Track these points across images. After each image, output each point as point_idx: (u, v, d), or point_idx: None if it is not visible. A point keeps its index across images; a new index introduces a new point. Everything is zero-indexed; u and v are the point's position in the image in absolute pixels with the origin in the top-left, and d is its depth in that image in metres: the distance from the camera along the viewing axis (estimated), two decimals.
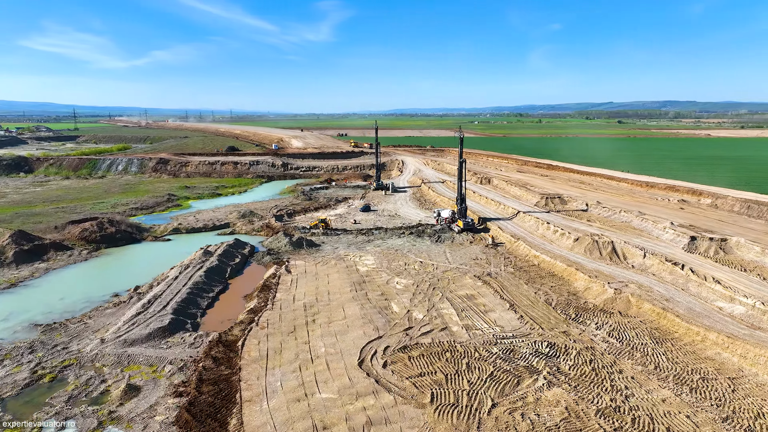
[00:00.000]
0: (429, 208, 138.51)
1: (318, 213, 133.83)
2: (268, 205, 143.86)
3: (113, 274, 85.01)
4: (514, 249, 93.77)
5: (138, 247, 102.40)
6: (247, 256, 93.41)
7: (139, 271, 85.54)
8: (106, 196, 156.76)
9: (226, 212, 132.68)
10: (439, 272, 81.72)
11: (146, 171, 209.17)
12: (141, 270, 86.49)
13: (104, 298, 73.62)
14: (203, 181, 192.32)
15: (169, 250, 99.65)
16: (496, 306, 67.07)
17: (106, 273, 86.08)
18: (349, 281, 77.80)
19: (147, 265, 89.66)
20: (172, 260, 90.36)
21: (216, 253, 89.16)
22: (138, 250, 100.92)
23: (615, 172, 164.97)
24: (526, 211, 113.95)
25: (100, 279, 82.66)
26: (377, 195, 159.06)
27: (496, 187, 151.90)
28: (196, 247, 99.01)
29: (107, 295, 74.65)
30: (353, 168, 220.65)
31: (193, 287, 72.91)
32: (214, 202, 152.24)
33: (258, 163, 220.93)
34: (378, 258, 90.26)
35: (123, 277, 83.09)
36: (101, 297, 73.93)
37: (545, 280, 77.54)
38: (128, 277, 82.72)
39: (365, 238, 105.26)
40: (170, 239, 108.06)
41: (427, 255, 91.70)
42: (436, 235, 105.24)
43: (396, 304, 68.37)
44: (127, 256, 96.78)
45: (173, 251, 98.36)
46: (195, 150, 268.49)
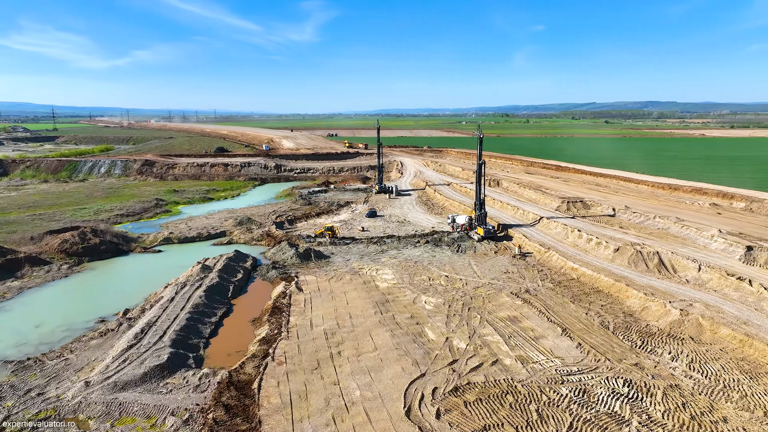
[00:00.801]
0: (439, 213, 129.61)
1: (321, 219, 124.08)
2: (265, 210, 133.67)
3: (98, 294, 74.49)
4: (545, 260, 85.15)
5: (125, 261, 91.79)
6: (250, 271, 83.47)
7: (128, 290, 75.21)
8: (88, 201, 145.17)
9: (221, 219, 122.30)
10: (469, 289, 72.70)
11: (131, 173, 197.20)
12: (130, 288, 76.16)
13: (88, 324, 63.27)
14: (192, 184, 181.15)
15: (160, 264, 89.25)
16: (546, 331, 58.22)
17: (90, 292, 75.50)
18: (370, 301, 68.40)
19: (137, 281, 79.28)
20: (165, 276, 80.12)
21: (215, 268, 79.09)
22: (125, 263, 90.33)
23: (631, 173, 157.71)
24: (549, 217, 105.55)
25: (83, 300, 72.14)
26: (381, 199, 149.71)
27: (507, 190, 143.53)
28: (191, 259, 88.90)
29: (92, 320, 64.32)
30: (350, 170, 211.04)
31: (193, 311, 62.88)
32: (206, 208, 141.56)
33: (250, 164, 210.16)
34: (397, 271, 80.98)
35: (110, 297, 72.70)
36: (84, 323, 63.59)
37: (591, 297, 68.93)
38: (116, 297, 72.37)
39: (378, 248, 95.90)
40: (161, 250, 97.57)
41: (452, 268, 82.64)
42: (455, 244, 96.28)
43: (430, 329, 59.19)
44: (114, 271, 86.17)
45: (165, 265, 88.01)
46: (182, 151, 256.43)
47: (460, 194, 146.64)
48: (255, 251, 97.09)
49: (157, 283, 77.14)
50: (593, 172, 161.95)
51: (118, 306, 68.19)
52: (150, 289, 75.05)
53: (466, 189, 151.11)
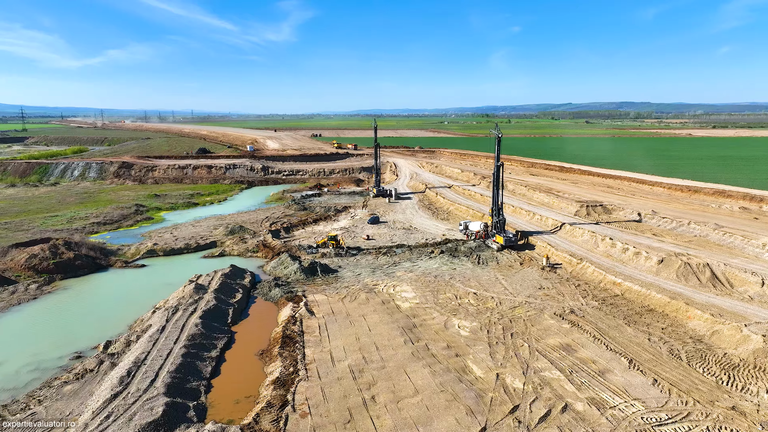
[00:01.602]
0: (445, 218, 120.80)
1: (319, 226, 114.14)
2: (257, 216, 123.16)
3: (73, 321, 63.62)
4: (579, 273, 76.84)
5: (104, 278, 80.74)
6: (250, 289, 73.34)
7: (108, 315, 64.60)
8: (61, 207, 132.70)
9: (209, 227, 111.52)
10: (505, 309, 63.86)
11: (107, 177, 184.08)
12: (111, 312, 65.53)
13: (61, 362, 52.66)
14: (174, 187, 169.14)
15: (145, 281, 78.49)
16: (610, 363, 49.63)
17: (64, 318, 64.54)
18: (395, 326, 59.06)
19: (119, 304, 68.57)
20: (152, 296, 69.62)
21: (211, 287, 68.83)
22: (105, 281, 79.31)
23: (641, 174, 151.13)
24: (571, 223, 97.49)
25: (55, 329, 61.26)
26: (379, 203, 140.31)
27: (515, 193, 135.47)
28: (180, 275, 78.53)
29: (65, 356, 53.72)
30: (341, 171, 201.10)
31: (189, 344, 52.69)
32: (191, 214, 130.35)
33: (235, 166, 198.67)
34: (418, 288, 71.76)
35: (87, 324, 62.03)
36: (57, 360, 52.99)
37: (646, 318, 60.67)
38: (94, 324, 61.76)
39: (389, 260, 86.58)
40: (145, 265, 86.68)
41: (478, 283, 73.72)
42: (474, 255, 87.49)
43: (474, 362, 50.13)
44: (91, 291, 75.14)
45: (151, 283, 77.34)
46: (161, 152, 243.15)
47: (465, 197, 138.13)
48: (251, 264, 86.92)
49: (143, 306, 66.62)
50: (601, 174, 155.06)
51: (98, 336, 57.66)
52: (135, 314, 64.54)
53: (469, 192, 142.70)
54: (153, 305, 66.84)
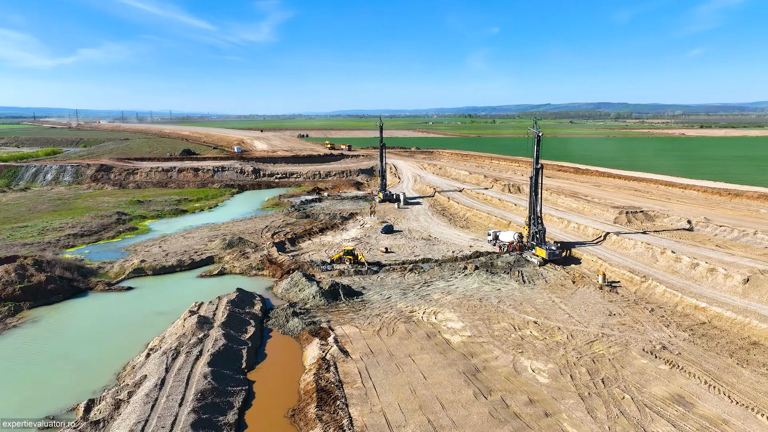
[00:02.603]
0: (464, 226, 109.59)
1: (327, 237, 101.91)
2: (255, 225, 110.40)
3: (43, 367, 50.61)
4: (645, 293, 66.18)
5: (83, 305, 67.54)
6: (262, 319, 61.00)
7: (89, 357, 51.85)
8: (31, 216, 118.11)
9: (203, 238, 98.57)
10: (580, 344, 52.66)
11: (84, 181, 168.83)
12: (92, 353, 52.80)
13: (28, 431, 39.83)
14: (159, 192, 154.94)
15: (133, 310, 65.50)
16: (747, 423, 38.73)
17: (31, 364, 51.43)
18: (453, 370, 47.43)
19: (102, 341, 55.72)
20: (143, 330, 57.03)
21: (217, 319, 56.35)
22: (83, 310, 66.11)
23: (667, 176, 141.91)
24: (615, 232, 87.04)
25: (20, 379, 48.26)
26: (388, 209, 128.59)
27: None
28: (174, 299, 66.13)
29: (34, 423, 40.83)
30: (338, 174, 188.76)
31: (200, 407, 40.26)
32: (179, 223, 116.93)
33: (223, 169, 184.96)
34: (464, 316, 60.23)
35: (61, 372, 49.22)
36: (20, 431, 40.08)
37: (756, 355, 50.00)
38: (71, 372, 49.02)
39: (418, 278, 74.94)
40: (132, 287, 73.55)
41: (534, 308, 62.48)
42: (514, 271, 76.39)
43: (572, 425, 38.86)
44: (67, 323, 61.97)
45: (141, 311, 64.45)
46: (142, 154, 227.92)
47: (480, 202, 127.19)
48: (258, 285, 74.54)
49: (133, 344, 53.96)
50: (622, 176, 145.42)
51: (76, 389, 44.97)
52: (123, 355, 51.84)
53: (484, 196, 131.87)
54: (145, 343, 54.21)
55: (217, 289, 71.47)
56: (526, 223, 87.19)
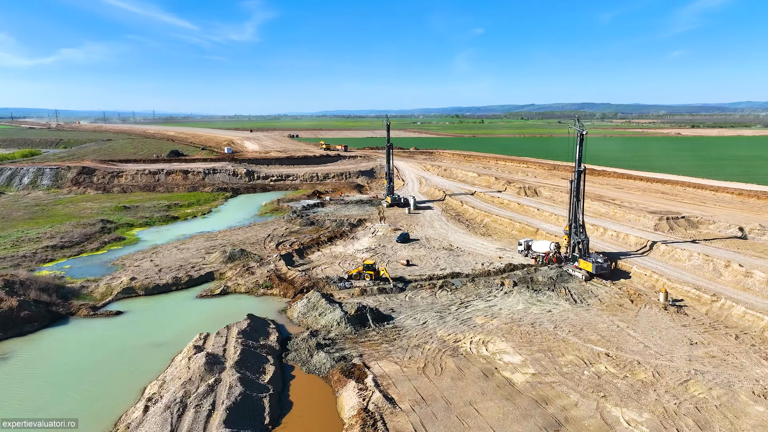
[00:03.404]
0: (485, 233, 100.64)
1: (337, 247, 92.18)
2: (256, 234, 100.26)
3: (12, 426, 40.18)
4: (720, 315, 57.66)
5: (63, 335, 57.11)
6: (280, 353, 51.20)
7: (71, 408, 41.55)
8: (5, 225, 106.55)
9: (199, 250, 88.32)
10: (672, 384, 43.76)
11: (64, 184, 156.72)
12: (74, 402, 42.54)
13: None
14: (147, 197, 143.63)
15: (124, 341, 55.18)
16: None
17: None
18: (529, 424, 38.23)
19: (85, 384, 45.47)
20: (137, 369, 47.13)
21: (228, 358, 46.48)
22: (63, 341, 55.68)
23: (691, 178, 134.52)
24: (663, 241, 78.67)
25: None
26: (397, 214, 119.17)
27: (556, 201, 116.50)
28: (172, 327, 56.50)
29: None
30: (337, 176, 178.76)
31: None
32: (171, 231, 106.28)
33: (215, 171, 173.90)
34: (519, 345, 51.09)
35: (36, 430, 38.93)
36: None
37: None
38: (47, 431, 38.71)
39: (452, 297, 65.68)
40: (121, 312, 63.14)
41: (598, 335, 53.52)
42: (559, 287, 67.57)
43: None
44: (43, 359, 51.51)
45: (133, 343, 54.22)
46: (126, 155, 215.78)
47: (497, 206, 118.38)
48: (268, 307, 64.78)
49: (126, 390, 43.92)
50: (644, 177, 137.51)
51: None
52: (113, 405, 41.82)
53: (500, 200, 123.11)
54: (141, 388, 44.14)
55: (222, 313, 61.59)
56: (564, 232, 78.39)
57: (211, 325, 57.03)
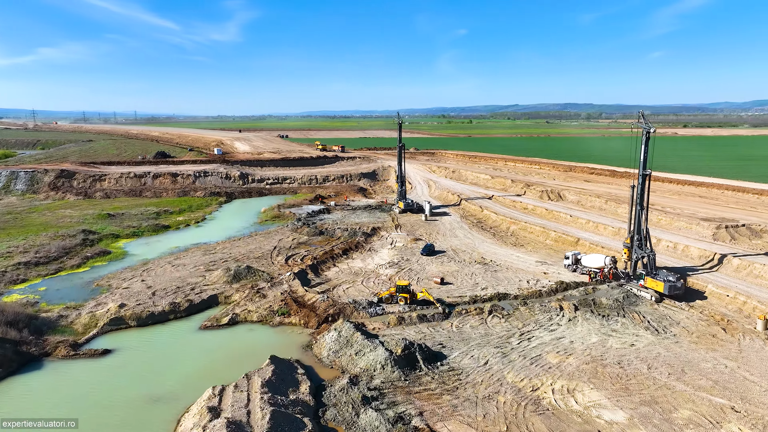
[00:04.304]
0: (516, 243, 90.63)
1: (355, 261, 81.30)
2: (260, 246, 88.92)
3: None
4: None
5: (35, 385, 45.47)
6: (315, 410, 40.26)
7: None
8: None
9: (197, 266, 76.88)
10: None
11: (41, 189, 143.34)
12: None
13: None
14: (133, 203, 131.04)
15: (113, 394, 43.72)
16: None
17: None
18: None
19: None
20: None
21: (256, 426, 35.58)
22: (35, 396, 44.00)
23: (723, 180, 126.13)
24: (733, 254, 69.26)
25: None
26: (412, 221, 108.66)
27: (583, 206, 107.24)
28: (174, 371, 45.84)
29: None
30: (337, 179, 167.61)
31: None
32: (163, 243, 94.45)
33: (206, 174, 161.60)
34: (615, 396, 40.90)
35: None
36: None
37: None
38: None
39: (506, 325, 55.33)
40: (109, 350, 51.55)
41: (709, 380, 43.50)
42: (630, 311, 57.60)
43: None
44: (4, 430, 39.83)
45: (126, 396, 42.86)
46: (109, 157, 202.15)
47: (521, 212, 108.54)
48: (287, 340, 53.97)
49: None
50: (674, 180, 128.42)
51: None
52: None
53: (522, 204, 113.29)
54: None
55: (234, 351, 50.61)
56: (624, 245, 68.39)
57: (223, 369, 46.14)
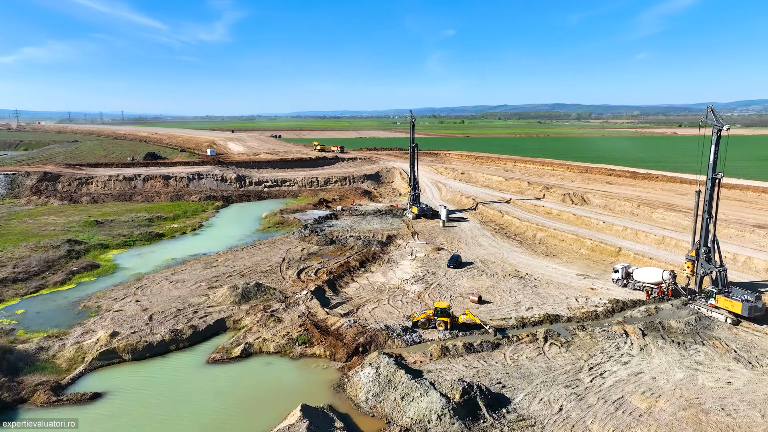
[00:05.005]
0: (547, 253, 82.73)
1: (375, 275, 72.84)
2: (267, 257, 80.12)
3: None
4: None
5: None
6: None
7: None
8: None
9: (198, 283, 68.01)
10: None
11: (22, 194, 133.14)
12: None
13: None
14: (123, 208, 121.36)
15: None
16: None
17: None
18: None
19: None
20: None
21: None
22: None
23: (752, 181, 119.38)
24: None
25: None
26: (429, 228, 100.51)
27: (612, 210, 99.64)
28: (183, 426, 36.40)
29: None
30: (339, 181, 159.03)
31: None
32: (157, 254, 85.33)
33: (200, 176, 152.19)
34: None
35: None
36: None
37: None
38: None
39: (569, 356, 47.25)
40: (99, 394, 42.65)
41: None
42: (709, 338, 49.74)
43: None
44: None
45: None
46: (96, 159, 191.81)
47: (544, 217, 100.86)
48: (313, 378, 45.30)
49: None
50: (698, 181, 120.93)
51: None
52: None
53: (545, 209, 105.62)
54: None
55: (251, 393, 42.12)
56: (687, 258, 60.62)
57: (240, 417, 37.63)
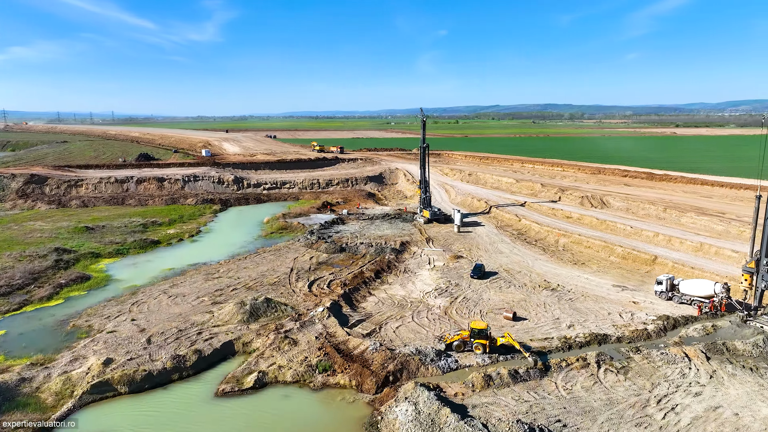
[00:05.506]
0: (574, 260, 77.21)
1: (393, 287, 66.84)
2: (273, 267, 73.84)
3: None
4: None
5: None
6: None
7: None
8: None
9: (200, 297, 61.68)
10: None
11: (7, 197, 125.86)
12: None
13: None
14: (115, 213, 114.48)
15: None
16: None
17: None
18: None
19: None
20: None
21: None
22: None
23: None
24: None
25: None
26: (443, 233, 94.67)
27: (632, 212, 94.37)
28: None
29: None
30: (341, 183, 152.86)
31: None
32: (154, 263, 78.84)
33: (196, 178, 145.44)
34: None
35: None
36: None
37: None
38: None
39: (629, 385, 41.54)
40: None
41: None
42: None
43: None
44: None
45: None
46: (87, 160, 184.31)
47: (565, 221, 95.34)
48: (339, 415, 39.28)
49: None
50: (728, 183, 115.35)
51: None
52: None
53: (564, 212, 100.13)
54: None
55: (261, 426, 35.78)
56: (745, 270, 54.94)
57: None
